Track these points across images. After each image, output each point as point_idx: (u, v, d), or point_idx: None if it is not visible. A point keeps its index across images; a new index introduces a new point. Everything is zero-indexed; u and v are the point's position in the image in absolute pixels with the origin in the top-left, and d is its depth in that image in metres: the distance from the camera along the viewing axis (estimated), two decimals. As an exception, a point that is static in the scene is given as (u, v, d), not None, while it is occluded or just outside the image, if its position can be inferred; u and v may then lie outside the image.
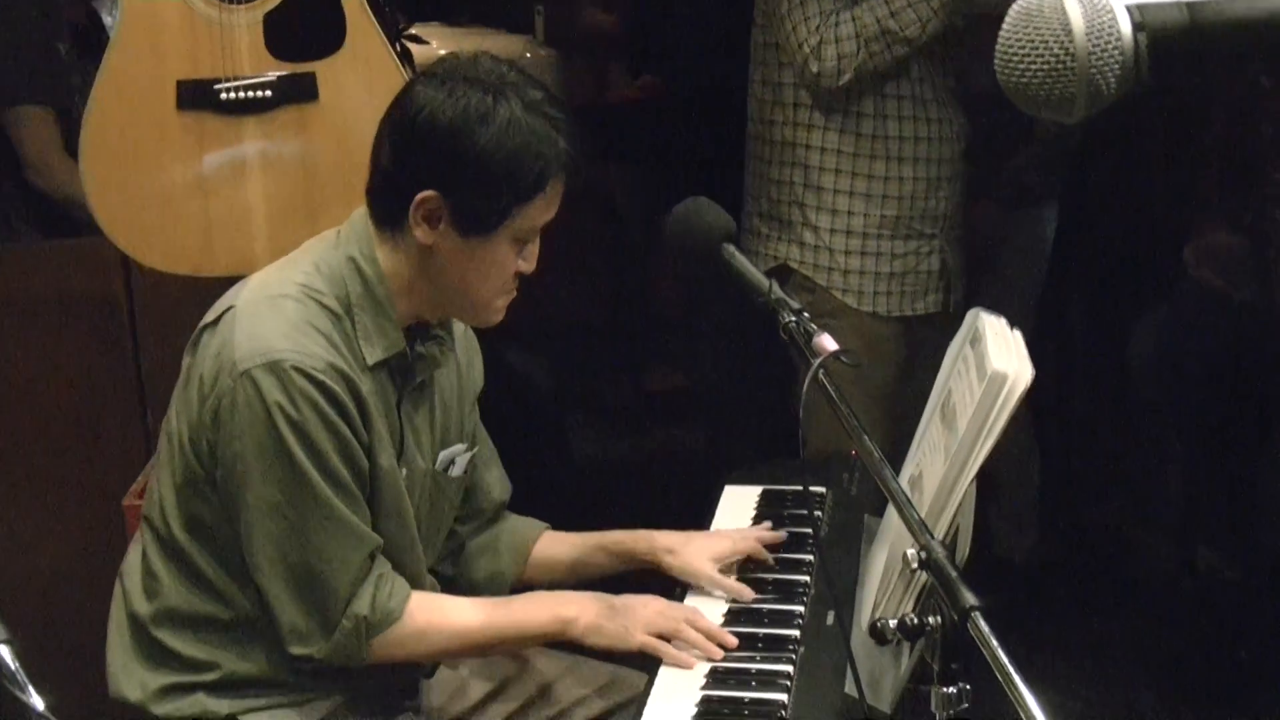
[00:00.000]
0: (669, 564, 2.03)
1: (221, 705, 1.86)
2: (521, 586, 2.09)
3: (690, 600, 1.98)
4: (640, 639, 1.84)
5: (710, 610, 1.93)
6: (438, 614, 1.88)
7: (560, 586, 2.06)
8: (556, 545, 2.13)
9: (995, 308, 3.60)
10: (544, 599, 1.92)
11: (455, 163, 1.75)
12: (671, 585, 2.03)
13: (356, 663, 1.84)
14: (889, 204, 2.96)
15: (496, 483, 2.14)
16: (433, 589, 1.98)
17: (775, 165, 3.03)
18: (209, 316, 1.86)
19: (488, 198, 1.76)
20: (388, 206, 1.81)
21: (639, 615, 1.86)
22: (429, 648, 1.89)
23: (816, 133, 2.95)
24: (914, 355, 3.08)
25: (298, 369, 1.74)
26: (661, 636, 1.84)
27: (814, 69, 2.85)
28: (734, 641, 1.84)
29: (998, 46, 1.11)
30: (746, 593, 1.97)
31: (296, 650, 1.81)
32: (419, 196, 1.77)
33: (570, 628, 1.88)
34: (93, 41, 3.83)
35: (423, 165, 1.77)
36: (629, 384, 5.07)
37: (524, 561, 2.11)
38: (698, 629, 1.84)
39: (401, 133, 1.79)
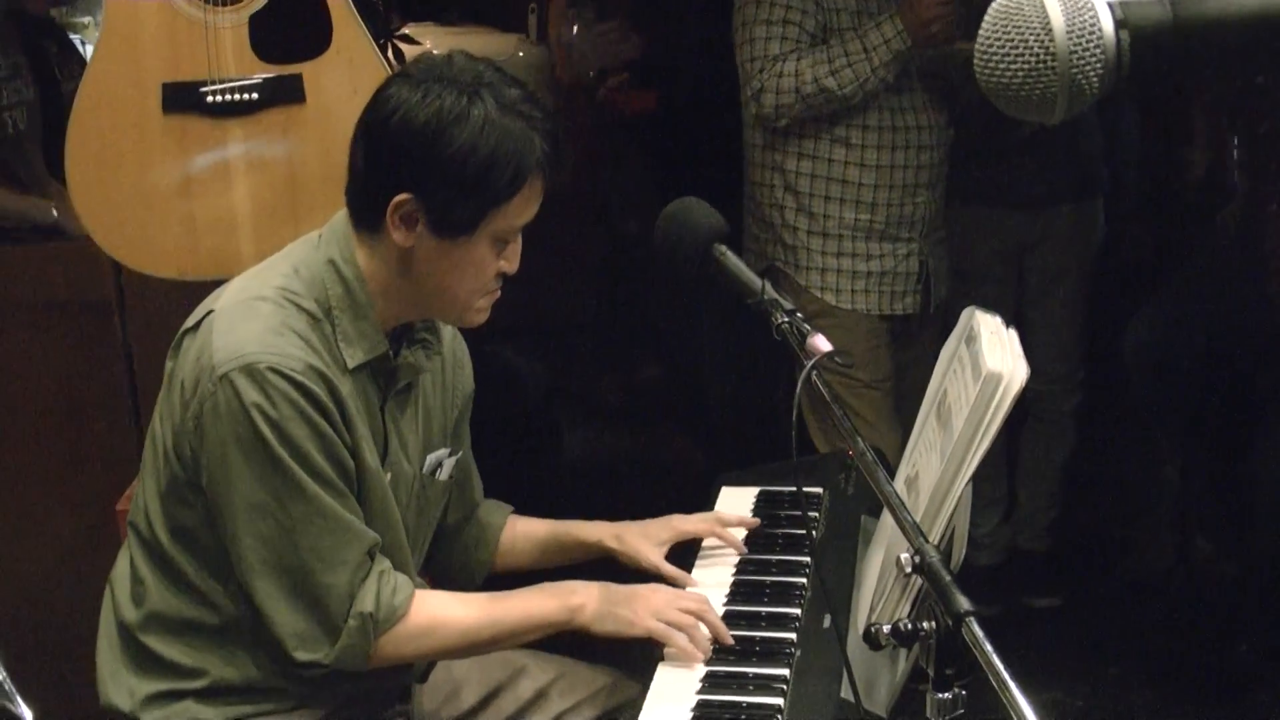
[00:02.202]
0: (615, 549, 2.07)
1: (210, 713, 1.84)
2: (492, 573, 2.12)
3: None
4: (648, 624, 1.82)
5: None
6: (442, 610, 1.85)
7: (525, 573, 2.08)
8: (520, 536, 2.14)
9: (1039, 304, 3.65)
10: (549, 588, 1.89)
11: (429, 165, 1.73)
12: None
13: (363, 665, 1.80)
14: (862, 208, 3.06)
15: (479, 482, 2.14)
16: (422, 591, 1.97)
17: (760, 169, 3.15)
18: (190, 321, 1.85)
19: (463, 199, 1.74)
20: (365, 209, 1.80)
21: (647, 602, 1.84)
22: (436, 644, 1.86)
23: (794, 139, 3.06)
24: (899, 355, 3.18)
25: (274, 369, 1.72)
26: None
27: (753, 110, 3.04)
28: (729, 640, 1.82)
29: (977, 47, 1.09)
30: (690, 580, 2.01)
31: (302, 656, 1.77)
32: (395, 199, 1.75)
33: (578, 615, 1.86)
34: (59, 36, 3.82)
35: (397, 168, 1.75)
36: (621, 381, 5.06)
37: (494, 549, 2.13)
38: (706, 623, 1.82)
39: (376, 135, 1.77)
